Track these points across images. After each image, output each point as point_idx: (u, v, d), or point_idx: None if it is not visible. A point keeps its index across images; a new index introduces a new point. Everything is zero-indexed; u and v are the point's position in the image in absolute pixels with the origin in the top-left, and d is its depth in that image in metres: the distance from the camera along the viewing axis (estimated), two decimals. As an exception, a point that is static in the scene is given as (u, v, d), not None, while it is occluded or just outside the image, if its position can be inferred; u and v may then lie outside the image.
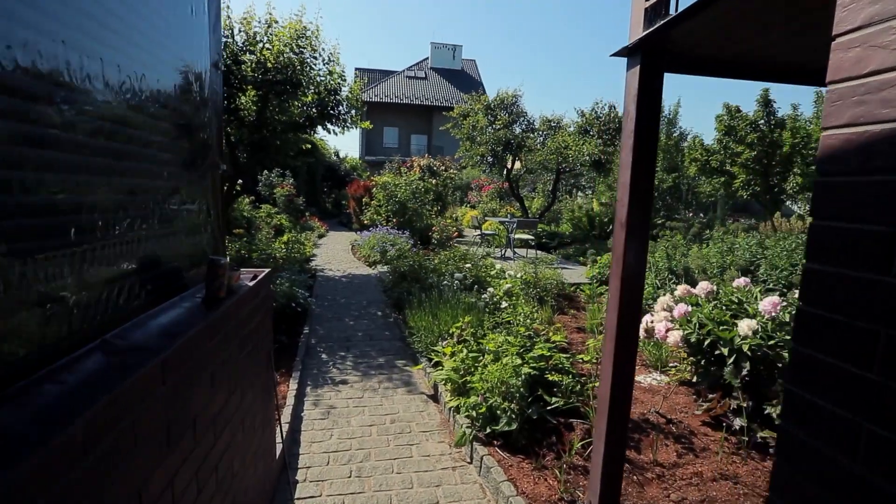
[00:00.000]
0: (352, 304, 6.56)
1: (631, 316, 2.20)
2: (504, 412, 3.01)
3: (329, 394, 3.88)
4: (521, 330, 3.97)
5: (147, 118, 1.52)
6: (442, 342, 4.22)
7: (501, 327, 4.30)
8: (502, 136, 12.02)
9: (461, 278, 5.44)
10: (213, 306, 1.72)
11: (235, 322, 1.90)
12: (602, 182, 15.06)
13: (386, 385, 4.07)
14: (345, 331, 5.46)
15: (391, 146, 31.66)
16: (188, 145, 1.89)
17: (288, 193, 15.40)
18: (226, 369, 1.78)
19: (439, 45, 35.60)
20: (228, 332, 1.81)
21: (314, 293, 7.08)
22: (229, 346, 1.82)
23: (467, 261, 6.30)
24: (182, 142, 1.84)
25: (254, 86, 7.15)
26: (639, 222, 2.16)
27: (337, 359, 4.63)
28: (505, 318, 4.45)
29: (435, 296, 4.75)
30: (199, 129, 2.00)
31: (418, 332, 4.53)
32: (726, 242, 6.63)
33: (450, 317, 4.39)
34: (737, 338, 3.40)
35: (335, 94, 8.59)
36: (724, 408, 3.22)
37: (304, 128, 8.66)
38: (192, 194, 1.93)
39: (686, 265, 5.60)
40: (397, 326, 5.54)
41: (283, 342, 4.83)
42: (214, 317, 1.64)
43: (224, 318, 1.75)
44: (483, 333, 4.18)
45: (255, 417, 2.21)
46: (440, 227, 11.06)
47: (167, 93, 1.68)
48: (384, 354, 4.76)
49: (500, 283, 5.54)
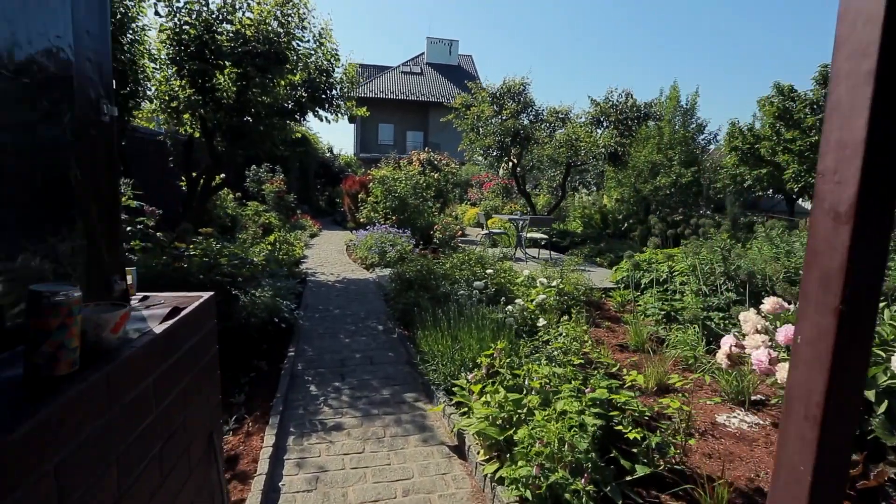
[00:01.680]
0: (347, 316, 5.57)
1: (853, 383, 1.23)
2: (575, 496, 2.04)
3: (318, 447, 2.90)
4: (572, 359, 3.01)
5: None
6: (466, 373, 3.25)
7: (541, 352, 3.33)
8: (510, 127, 11.05)
9: (482, 287, 4.46)
10: (43, 392, 0.74)
11: (107, 419, 0.92)
12: (613, 178, 14.12)
13: (393, 431, 3.10)
14: (339, 351, 4.48)
15: (387, 143, 30.68)
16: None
17: (278, 190, 14.34)
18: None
19: (435, 40, 34.68)
20: (84, 451, 0.83)
21: (303, 302, 6.08)
22: (89, 472, 0.85)
23: (485, 265, 5.32)
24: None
25: (232, 62, 6.14)
26: (877, 210, 1.18)
27: (329, 391, 3.64)
28: (544, 338, 3.49)
29: (453, 311, 3.77)
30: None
31: (433, 357, 3.55)
32: (784, 242, 5.70)
33: (475, 339, 3.41)
34: (881, 376, 2.47)
35: (327, 76, 7.59)
36: (880, 479, 2.28)
37: (293, 114, 7.66)
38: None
39: (749, 269, 4.69)
40: (402, 345, 4.57)
41: (262, 370, 3.84)
42: (24, 430, 0.66)
43: (64, 422, 0.77)
44: (519, 362, 3.22)
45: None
46: (442, 225, 10.09)
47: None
48: (389, 384, 3.78)
49: (529, 292, 4.58)
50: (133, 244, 3.19)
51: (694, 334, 4.24)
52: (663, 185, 12.53)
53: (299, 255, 8.92)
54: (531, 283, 5.00)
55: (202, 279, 3.83)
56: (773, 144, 9.90)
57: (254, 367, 3.87)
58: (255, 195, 14.40)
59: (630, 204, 13.27)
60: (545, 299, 4.26)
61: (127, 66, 6.01)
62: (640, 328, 4.70)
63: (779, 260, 5.36)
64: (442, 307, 3.97)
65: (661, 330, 4.77)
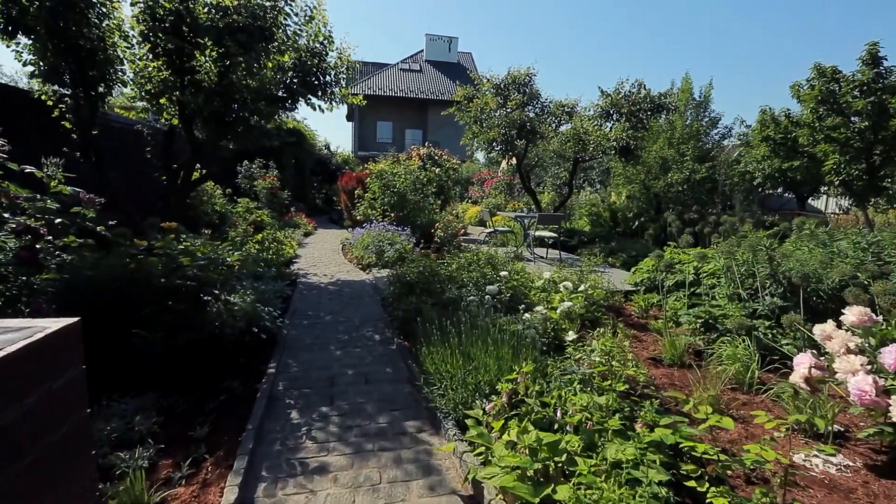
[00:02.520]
0: (340, 323, 4.94)
1: None
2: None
3: (296, 499, 2.27)
4: (619, 386, 2.39)
5: None
6: (482, 400, 2.62)
7: (573, 374, 2.70)
8: (516, 119, 10.40)
9: (495, 292, 3.80)
10: None
11: None
12: (620, 174, 13.51)
13: (392, 474, 2.47)
14: (329, 366, 3.85)
15: (385, 141, 30.05)
16: None
17: (271, 186, 13.68)
18: None
19: (435, 37, 34.12)
20: None
21: (291, 307, 5.45)
22: None
23: (497, 266, 4.68)
24: None
25: (212, 38, 5.50)
26: None
27: (314, 419, 3.01)
28: (576, 356, 2.86)
29: (464, 322, 3.12)
30: None
31: (440, 379, 2.92)
32: (830, 243, 5.09)
33: (492, 358, 2.78)
34: None
35: (320, 59, 6.96)
36: None
37: (284, 101, 7.02)
38: None
39: (801, 272, 4.07)
40: (402, 359, 3.94)
41: (235, 392, 3.20)
42: None
43: None
44: (547, 386, 2.59)
45: None
46: (444, 223, 9.46)
47: None
48: (387, 409, 3.15)
49: (550, 297, 3.95)
50: (68, 240, 2.56)
51: (744, 348, 3.62)
52: (675, 181, 11.92)
53: (290, 255, 8.28)
54: (552, 287, 4.36)
55: (164, 283, 3.20)
56: (810, 132, 9.10)
57: (225, 388, 3.23)
58: (247, 192, 13.76)
59: (640, 201, 12.65)
60: (571, 307, 3.63)
61: (96, 43, 5.38)
62: (674, 338, 4.08)
63: (832, 261, 4.73)
64: (451, 316, 3.33)
65: (700, 340, 4.15)
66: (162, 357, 3.06)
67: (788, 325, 3.86)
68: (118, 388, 2.96)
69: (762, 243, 4.51)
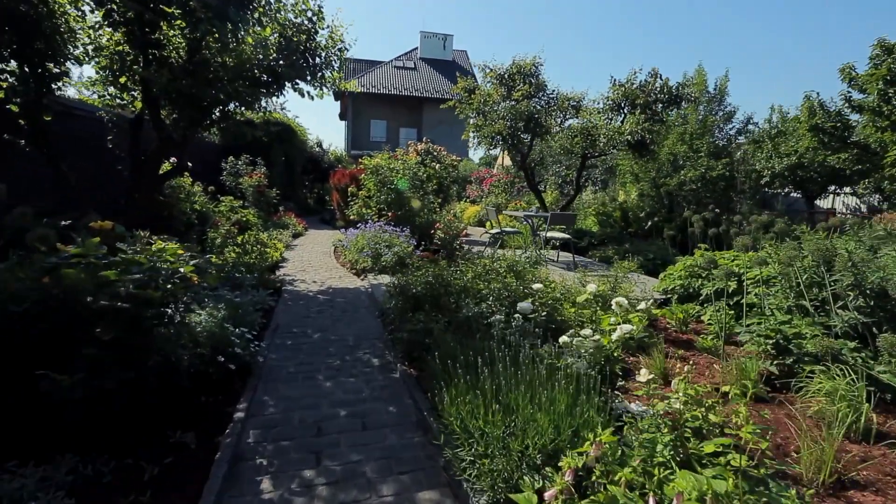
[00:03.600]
0: (330, 343, 4.11)
1: None
2: None
3: None
4: (743, 463, 1.60)
5: None
6: (534, 477, 1.82)
7: (658, 433, 1.91)
8: (524, 110, 9.62)
9: (528, 311, 2.94)
10: None
11: None
12: (629, 171, 12.76)
13: None
14: (316, 405, 3.02)
15: (379, 140, 29.19)
16: None
17: (258, 184, 12.77)
18: None
19: (429, 35, 33.39)
20: None
21: (273, 321, 4.61)
22: None
23: (525, 278, 3.83)
24: None
25: (181, 6, 4.66)
26: None
27: (294, 491, 2.19)
28: (658, 407, 2.06)
29: (500, 358, 2.28)
30: None
31: (468, 438, 2.11)
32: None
33: (544, 414, 1.96)
34: None
35: (307, 37, 6.14)
36: None
37: (268, 85, 6.18)
38: None
39: (887, 277, 3.33)
40: (408, 392, 3.13)
41: (187, 449, 2.37)
42: None
43: None
44: (621, 456, 1.80)
45: None
46: (445, 223, 8.65)
47: None
48: (392, 472, 2.34)
49: (597, 316, 3.14)
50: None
51: (846, 384, 2.84)
52: (689, 178, 11.20)
53: (276, 259, 7.44)
54: (598, 303, 3.53)
55: (89, 304, 2.36)
56: (871, 118, 8.25)
57: (174, 443, 2.40)
58: (233, 190, 12.84)
59: (654, 200, 11.91)
60: (632, 330, 2.83)
61: (40, 9, 4.53)
62: (742, 362, 3.32)
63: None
64: (472, 341, 2.51)
65: (773, 367, 3.38)
66: (83, 405, 2.22)
67: (889, 347, 3.12)
68: (18, 452, 2.13)
69: (844, 247, 3.75)
